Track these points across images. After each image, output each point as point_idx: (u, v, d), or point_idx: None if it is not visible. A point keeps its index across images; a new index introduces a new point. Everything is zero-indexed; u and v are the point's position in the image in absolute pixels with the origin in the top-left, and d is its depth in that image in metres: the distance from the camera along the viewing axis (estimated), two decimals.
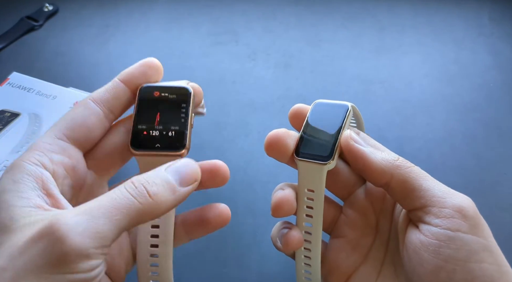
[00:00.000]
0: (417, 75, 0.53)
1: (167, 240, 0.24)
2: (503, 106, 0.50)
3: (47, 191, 0.20)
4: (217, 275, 0.38)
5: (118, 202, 0.19)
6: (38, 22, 0.60)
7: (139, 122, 0.24)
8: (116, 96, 0.24)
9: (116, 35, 0.59)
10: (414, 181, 0.23)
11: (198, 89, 0.26)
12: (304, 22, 0.60)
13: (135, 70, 0.25)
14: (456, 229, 0.21)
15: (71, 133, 0.23)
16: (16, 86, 0.46)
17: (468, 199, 0.23)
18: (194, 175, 0.22)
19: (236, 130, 0.48)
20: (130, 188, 0.19)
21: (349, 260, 0.27)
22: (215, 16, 0.61)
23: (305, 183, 0.26)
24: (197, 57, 0.56)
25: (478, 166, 0.45)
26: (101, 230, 0.18)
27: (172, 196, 0.20)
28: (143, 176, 0.20)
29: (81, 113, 0.23)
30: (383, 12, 0.61)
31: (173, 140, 0.24)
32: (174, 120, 0.24)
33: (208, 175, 0.25)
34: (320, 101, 0.28)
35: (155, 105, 0.24)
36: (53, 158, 0.22)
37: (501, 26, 0.58)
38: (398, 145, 0.47)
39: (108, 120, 0.24)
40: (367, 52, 0.56)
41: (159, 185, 0.20)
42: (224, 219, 0.26)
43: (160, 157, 0.23)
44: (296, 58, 0.56)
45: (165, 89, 0.25)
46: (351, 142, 0.25)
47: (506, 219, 0.41)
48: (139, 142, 0.24)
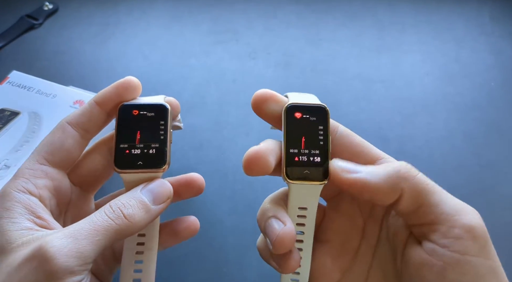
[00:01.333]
0: (418, 74, 0.53)
1: (152, 247, 0.26)
2: (504, 105, 0.50)
3: (36, 215, 0.23)
4: (217, 274, 0.38)
5: (98, 225, 0.22)
6: (38, 20, 0.60)
7: (121, 141, 0.25)
8: (91, 118, 0.26)
9: (116, 33, 0.59)
10: (422, 195, 0.22)
11: (174, 102, 0.27)
12: (304, 21, 0.60)
13: (110, 92, 0.26)
14: (465, 252, 0.21)
15: (51, 157, 0.25)
16: (16, 84, 0.46)
17: (476, 215, 0.22)
18: (167, 193, 0.25)
19: (236, 129, 0.48)
20: (108, 212, 0.23)
21: (335, 265, 0.26)
22: (215, 14, 0.61)
23: (297, 202, 0.24)
24: (198, 55, 0.56)
25: (479, 165, 0.45)
26: (83, 250, 0.21)
27: (146, 214, 0.23)
28: (120, 199, 0.23)
29: (59, 138, 0.26)
30: (383, 10, 0.61)
31: (154, 157, 0.25)
32: (154, 137, 0.25)
33: (184, 188, 0.28)
34: (293, 104, 0.25)
35: (135, 124, 0.26)
36: (37, 184, 0.24)
37: (502, 25, 0.58)
38: (398, 144, 0.47)
39: (85, 140, 0.27)
40: (368, 51, 0.56)
41: (134, 207, 0.23)
42: (192, 231, 0.29)
43: (143, 174, 0.25)
44: (297, 57, 0.56)
45: (143, 107, 0.26)
46: (345, 176, 0.23)
47: (507, 218, 0.41)
48: (122, 161, 0.25)
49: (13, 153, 0.41)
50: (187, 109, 0.50)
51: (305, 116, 0.24)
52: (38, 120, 0.43)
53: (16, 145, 0.41)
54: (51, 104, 0.44)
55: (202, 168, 0.45)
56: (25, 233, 0.22)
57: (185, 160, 0.45)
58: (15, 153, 0.41)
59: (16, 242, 0.21)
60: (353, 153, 0.25)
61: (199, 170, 0.45)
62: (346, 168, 0.23)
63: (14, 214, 0.23)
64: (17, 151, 0.41)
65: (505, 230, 0.40)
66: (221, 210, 0.41)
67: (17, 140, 0.41)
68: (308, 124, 0.24)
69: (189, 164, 0.45)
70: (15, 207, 0.23)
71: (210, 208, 0.42)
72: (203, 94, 0.51)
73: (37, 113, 0.44)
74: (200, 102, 0.51)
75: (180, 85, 0.52)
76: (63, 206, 0.26)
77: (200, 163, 0.45)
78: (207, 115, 0.49)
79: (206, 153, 0.46)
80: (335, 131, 0.26)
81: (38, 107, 0.44)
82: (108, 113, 0.27)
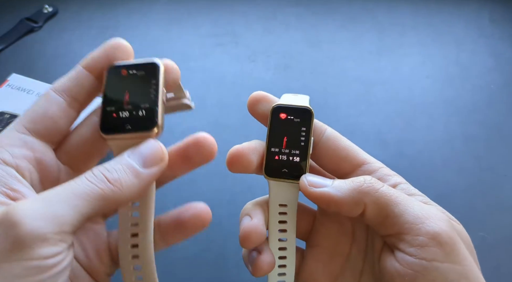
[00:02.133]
0: (418, 76, 0.53)
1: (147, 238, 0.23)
2: (503, 107, 0.50)
3: (9, 186, 0.20)
4: (216, 278, 0.38)
5: (76, 189, 0.19)
6: (37, 23, 0.60)
7: (108, 104, 0.23)
8: (79, 83, 0.23)
9: (115, 36, 0.58)
10: (386, 207, 0.22)
11: (171, 65, 0.24)
12: (304, 23, 0.60)
13: (99, 55, 0.24)
14: (432, 259, 0.21)
15: (33, 125, 0.22)
16: (16, 87, 0.46)
17: (443, 221, 0.22)
18: (158, 154, 0.22)
19: (235, 132, 0.48)
20: (89, 176, 0.20)
21: (326, 270, 0.26)
22: (215, 17, 0.61)
23: (277, 199, 0.25)
24: (197, 58, 0.56)
25: (479, 168, 0.45)
26: (59, 214, 0.18)
27: (136, 179, 0.21)
28: (104, 164, 0.20)
29: (42, 105, 0.22)
30: (383, 13, 0.61)
31: (143, 119, 0.22)
32: (143, 98, 0.23)
33: (195, 149, 0.25)
34: (279, 105, 0.25)
35: (123, 84, 0.23)
36: (14, 152, 0.21)
37: (502, 27, 0.58)
38: (398, 147, 0.46)
39: (73, 109, 0.23)
40: (368, 53, 0.56)
41: (119, 171, 0.20)
42: (202, 221, 0.24)
43: (132, 140, 0.22)
44: (296, 59, 0.56)
45: (132, 67, 0.23)
46: (311, 190, 0.23)
47: (507, 220, 0.41)
48: (108, 125, 0.22)
49: None
50: (187, 111, 0.50)
51: (289, 117, 0.25)
52: None
53: None
54: None
55: (201, 171, 0.44)
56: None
57: None
58: None
59: None
60: (339, 157, 0.25)
61: (198, 173, 0.45)
62: (313, 183, 0.23)
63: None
64: None
65: (505, 233, 0.40)
66: (220, 214, 0.41)
67: None
68: (291, 125, 0.25)
69: None
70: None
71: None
72: (203, 97, 0.51)
73: None
74: (200, 104, 0.50)
75: None
76: (49, 184, 0.23)
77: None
78: (206, 117, 0.49)
79: None
80: (321, 133, 0.26)
81: None
82: (98, 78, 0.24)
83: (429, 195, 0.25)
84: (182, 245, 0.40)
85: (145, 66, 0.23)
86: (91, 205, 0.19)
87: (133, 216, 0.23)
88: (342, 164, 0.25)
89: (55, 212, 0.18)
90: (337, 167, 0.26)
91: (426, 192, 0.25)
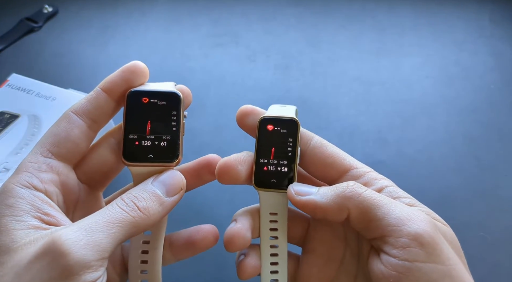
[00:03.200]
0: (418, 76, 0.53)
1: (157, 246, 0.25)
2: (503, 107, 0.50)
3: (42, 211, 0.21)
4: (217, 276, 0.38)
5: (113, 217, 0.20)
6: (37, 23, 0.60)
7: (130, 132, 0.24)
8: (98, 105, 0.24)
9: (115, 36, 0.59)
10: (369, 210, 0.23)
11: (187, 91, 0.26)
12: (304, 23, 0.60)
13: (117, 78, 0.25)
14: (414, 260, 0.21)
15: (56, 149, 0.23)
16: (16, 87, 0.46)
17: (425, 221, 0.22)
18: (179, 184, 0.23)
19: (235, 132, 0.48)
20: (121, 205, 0.21)
21: (321, 275, 0.26)
22: (215, 17, 0.61)
23: (268, 208, 0.26)
24: (197, 58, 0.56)
25: (479, 168, 0.45)
26: (100, 242, 0.19)
27: (160, 207, 0.22)
28: (132, 192, 0.22)
29: (64, 128, 0.24)
30: (383, 13, 0.61)
31: (165, 150, 0.24)
32: (165, 129, 0.24)
33: (206, 169, 0.27)
34: (266, 117, 0.26)
35: (145, 113, 0.24)
36: (42, 178, 0.22)
37: (502, 28, 0.58)
38: (398, 147, 0.47)
39: (92, 130, 0.25)
40: (367, 53, 0.56)
41: (147, 199, 0.22)
42: (211, 241, 0.27)
43: (153, 168, 0.24)
44: (296, 59, 0.56)
45: (154, 95, 0.24)
46: (297, 198, 0.24)
47: (507, 220, 0.41)
48: (131, 153, 0.24)
49: (13, 156, 0.41)
50: (186, 111, 0.50)
51: (276, 129, 0.26)
52: (37, 123, 0.43)
53: (15, 148, 0.41)
54: (51, 107, 0.44)
55: None
56: (32, 232, 0.20)
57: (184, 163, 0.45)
58: (14, 156, 0.41)
59: (23, 240, 0.19)
60: (326, 164, 0.26)
61: None
62: (299, 191, 0.24)
63: (18, 212, 0.21)
64: (17, 154, 0.41)
65: (505, 233, 0.40)
66: (220, 214, 0.41)
67: (16, 143, 0.41)
68: (278, 136, 0.26)
69: None
70: (19, 203, 0.21)
71: (209, 212, 0.42)
72: (203, 97, 0.51)
73: (36, 116, 0.44)
74: (200, 104, 0.51)
75: None
76: (71, 203, 0.24)
77: None
78: (206, 118, 0.49)
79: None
80: (308, 142, 0.26)
81: (38, 110, 0.44)
82: (116, 101, 0.25)
83: (429, 195, 0.25)
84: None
85: (167, 96, 0.24)
86: (125, 231, 0.21)
87: (145, 234, 0.25)
88: (329, 170, 0.26)
89: (96, 240, 0.19)
90: (325, 174, 0.26)
91: (426, 191, 0.25)
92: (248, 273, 0.26)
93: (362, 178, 0.25)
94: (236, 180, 0.25)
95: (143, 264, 0.25)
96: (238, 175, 0.25)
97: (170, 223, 0.27)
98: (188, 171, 0.26)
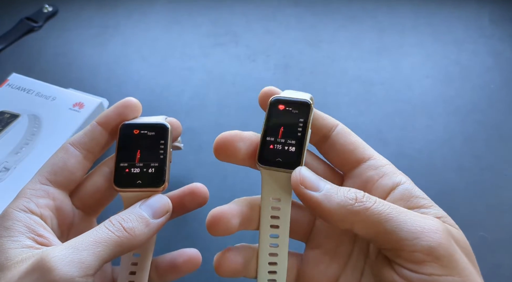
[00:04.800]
0: (418, 76, 0.53)
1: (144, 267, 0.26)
2: (503, 107, 0.50)
3: (36, 233, 0.23)
4: (216, 276, 0.37)
5: (98, 237, 0.22)
6: (37, 23, 0.60)
7: (121, 160, 0.26)
8: (94, 138, 0.26)
9: (115, 36, 0.59)
10: (377, 225, 0.22)
11: (176, 123, 0.28)
12: (304, 23, 0.60)
13: (111, 112, 0.27)
14: (430, 273, 0.21)
15: (54, 177, 0.25)
16: (16, 87, 0.46)
17: (437, 232, 0.21)
18: (165, 207, 0.25)
19: None
20: (108, 225, 0.23)
21: (328, 271, 0.26)
22: (215, 17, 0.61)
23: (270, 192, 0.24)
24: (197, 58, 0.56)
25: (478, 167, 0.45)
26: (84, 260, 0.21)
27: (146, 228, 0.23)
28: (120, 214, 0.23)
29: (61, 158, 0.26)
30: (383, 13, 0.61)
31: (153, 176, 0.25)
32: (153, 157, 0.26)
33: (189, 197, 0.28)
34: (278, 97, 0.25)
35: (135, 143, 0.26)
36: (39, 203, 0.24)
37: (502, 27, 0.58)
38: (398, 147, 0.47)
39: (88, 160, 0.27)
40: (367, 53, 0.56)
41: (133, 221, 0.23)
42: (194, 264, 0.28)
43: (141, 193, 0.25)
44: (296, 59, 0.56)
45: (144, 127, 0.26)
46: (301, 189, 0.23)
47: (507, 220, 0.41)
48: (121, 180, 0.25)
49: (13, 155, 0.41)
50: (187, 111, 0.50)
51: (287, 109, 0.25)
52: (37, 122, 0.43)
53: (15, 148, 0.41)
54: (51, 107, 0.44)
55: (201, 171, 0.45)
56: (25, 251, 0.22)
57: (184, 163, 0.45)
58: (14, 155, 0.41)
59: (16, 258, 0.21)
60: (346, 151, 0.26)
61: (199, 172, 0.45)
62: (304, 180, 0.23)
63: (14, 233, 0.23)
64: (17, 153, 0.41)
65: (505, 233, 0.40)
66: None
67: (16, 143, 0.41)
68: (289, 115, 0.25)
69: (188, 166, 0.45)
70: (15, 225, 0.23)
71: (209, 211, 0.41)
72: (203, 97, 0.51)
73: (36, 116, 0.44)
74: (200, 104, 0.51)
75: (180, 88, 0.52)
76: (65, 227, 0.26)
77: (199, 166, 0.45)
78: (206, 117, 0.49)
79: (205, 155, 0.46)
80: (333, 127, 0.26)
81: (38, 110, 0.44)
82: (110, 133, 0.27)
83: (428, 194, 0.25)
84: (181, 244, 0.40)
85: (156, 127, 0.26)
86: (110, 250, 0.22)
87: (133, 256, 0.26)
88: (349, 157, 0.26)
89: (81, 258, 0.21)
90: (344, 161, 0.26)
91: (425, 191, 0.25)
92: (224, 268, 0.25)
93: (380, 170, 0.25)
94: (233, 157, 0.25)
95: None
96: (236, 151, 0.25)
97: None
98: (172, 199, 0.26)
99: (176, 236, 0.40)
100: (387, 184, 0.24)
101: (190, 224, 0.40)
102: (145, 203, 0.24)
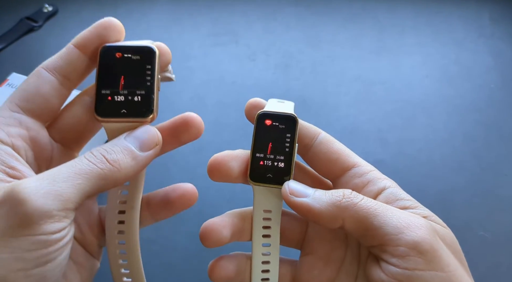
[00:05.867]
0: (418, 76, 0.53)
1: (134, 206, 0.24)
2: (503, 107, 0.50)
3: (7, 165, 0.21)
4: None
5: (78, 168, 0.20)
6: (37, 23, 0.60)
7: (103, 87, 0.23)
8: (70, 61, 0.23)
9: None
10: (365, 220, 0.22)
11: (164, 48, 0.25)
12: (304, 22, 0.60)
13: (90, 33, 0.23)
14: (413, 268, 0.21)
15: (26, 104, 0.22)
16: (16, 87, 0.46)
17: (422, 229, 0.22)
18: (154, 139, 0.23)
19: (236, 131, 0.48)
20: (89, 157, 0.20)
21: (322, 276, 0.26)
22: (215, 16, 0.61)
23: (261, 205, 0.25)
24: (197, 57, 0.56)
25: (479, 167, 0.45)
26: (62, 192, 0.19)
27: (133, 161, 0.21)
28: (102, 146, 0.21)
29: (34, 83, 0.23)
30: (383, 12, 0.61)
31: (139, 105, 0.23)
32: (139, 83, 0.23)
33: (183, 128, 0.26)
34: (264, 112, 0.25)
35: (118, 68, 0.23)
36: (10, 132, 0.22)
37: (502, 27, 0.58)
38: (398, 146, 0.47)
39: (65, 87, 0.24)
40: (368, 52, 0.56)
41: (118, 153, 0.21)
42: (189, 200, 0.26)
43: (127, 123, 0.23)
44: (296, 58, 0.56)
45: (127, 49, 0.23)
46: (291, 199, 0.23)
47: (507, 220, 0.41)
48: (104, 109, 0.23)
49: None
50: (187, 111, 0.50)
51: (274, 124, 0.25)
52: None
53: None
54: None
55: (201, 171, 0.45)
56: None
57: (184, 163, 0.45)
58: None
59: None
60: (330, 160, 0.25)
61: (199, 172, 0.45)
62: (294, 191, 0.24)
63: None
64: None
65: (505, 232, 0.40)
66: (220, 213, 0.41)
67: None
68: (276, 131, 0.25)
69: (188, 166, 0.45)
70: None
71: (208, 211, 0.41)
72: (203, 96, 0.51)
73: None
74: (200, 104, 0.51)
75: (180, 87, 0.52)
76: (43, 161, 0.23)
77: (199, 166, 0.45)
78: (206, 117, 0.49)
79: (205, 155, 0.45)
80: (315, 136, 0.26)
81: None
82: (90, 58, 0.24)
83: (429, 194, 0.25)
84: (181, 244, 0.40)
85: (141, 50, 0.23)
86: (92, 183, 0.20)
87: (122, 194, 0.24)
88: (333, 166, 0.26)
89: (59, 190, 0.18)
90: (328, 170, 0.26)
91: (426, 191, 0.25)
92: (217, 275, 0.25)
93: (365, 177, 0.25)
94: (227, 176, 0.25)
95: (120, 224, 0.24)
96: (229, 171, 0.25)
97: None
98: (163, 130, 0.24)
99: (177, 235, 0.40)
100: (373, 190, 0.25)
101: (192, 222, 0.40)
102: (131, 134, 0.22)
